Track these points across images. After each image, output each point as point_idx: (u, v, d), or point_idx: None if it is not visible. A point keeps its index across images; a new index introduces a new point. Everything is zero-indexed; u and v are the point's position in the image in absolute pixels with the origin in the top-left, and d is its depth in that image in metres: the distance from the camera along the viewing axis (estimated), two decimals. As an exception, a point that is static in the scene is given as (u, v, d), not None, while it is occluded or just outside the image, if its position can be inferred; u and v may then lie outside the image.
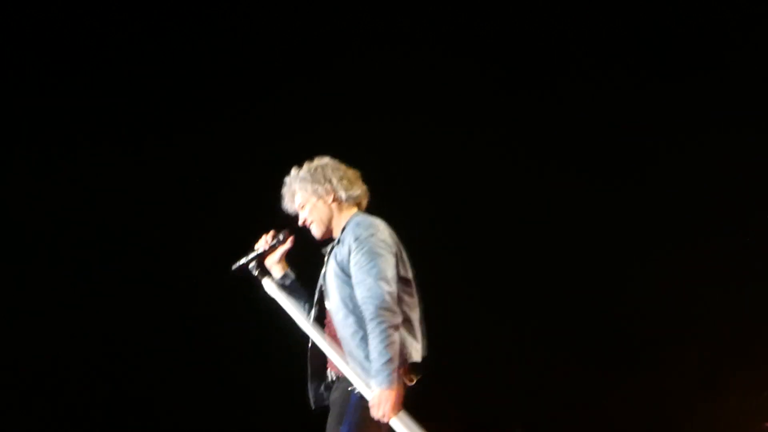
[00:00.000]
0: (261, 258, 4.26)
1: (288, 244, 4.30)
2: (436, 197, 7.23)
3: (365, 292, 3.92)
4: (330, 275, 4.11)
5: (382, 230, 4.07)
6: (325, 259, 4.23)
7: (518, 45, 7.37)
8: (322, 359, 4.17)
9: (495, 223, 7.33)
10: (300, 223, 4.26)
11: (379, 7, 7.19)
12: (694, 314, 7.18)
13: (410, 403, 3.88)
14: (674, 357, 7.14)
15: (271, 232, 4.28)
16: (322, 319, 4.21)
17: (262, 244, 4.27)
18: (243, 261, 4.25)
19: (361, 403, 3.93)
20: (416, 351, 3.98)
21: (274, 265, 4.31)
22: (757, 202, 7.14)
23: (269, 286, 4.22)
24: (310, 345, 4.19)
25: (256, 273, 4.23)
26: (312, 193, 4.20)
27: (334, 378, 4.15)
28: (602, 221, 7.28)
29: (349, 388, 3.99)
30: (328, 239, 4.24)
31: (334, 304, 4.08)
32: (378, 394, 3.84)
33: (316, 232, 4.23)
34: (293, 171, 4.26)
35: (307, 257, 4.34)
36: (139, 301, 7.11)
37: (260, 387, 7.10)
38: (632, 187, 7.39)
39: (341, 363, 3.98)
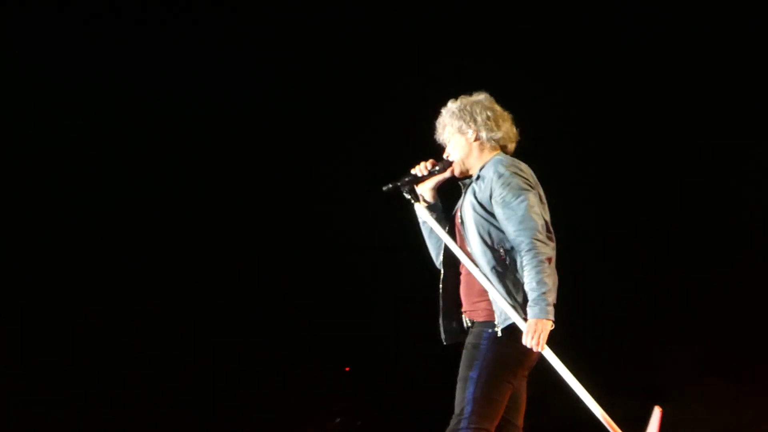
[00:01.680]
0: (416, 182, 4.25)
1: (447, 174, 4.25)
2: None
3: (517, 225, 3.91)
4: (468, 211, 4.08)
5: (524, 169, 4.06)
6: (462, 194, 4.22)
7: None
8: (455, 299, 4.17)
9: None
10: (444, 155, 4.26)
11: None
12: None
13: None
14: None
15: (431, 160, 4.25)
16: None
17: (421, 169, 4.25)
18: (398, 183, 4.24)
19: (492, 346, 3.92)
20: (551, 293, 3.91)
21: (427, 191, 4.28)
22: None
23: (421, 211, 4.23)
24: (441, 281, 4.21)
25: (408, 196, 4.23)
26: (457, 129, 4.20)
27: (469, 324, 4.12)
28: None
29: (483, 330, 3.98)
30: (465, 176, 4.23)
31: (472, 239, 4.05)
32: (534, 322, 3.81)
33: (455, 167, 4.22)
34: (449, 103, 4.26)
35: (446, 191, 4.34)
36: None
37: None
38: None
39: (489, 286, 3.95)
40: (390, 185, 4.23)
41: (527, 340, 3.81)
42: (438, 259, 4.27)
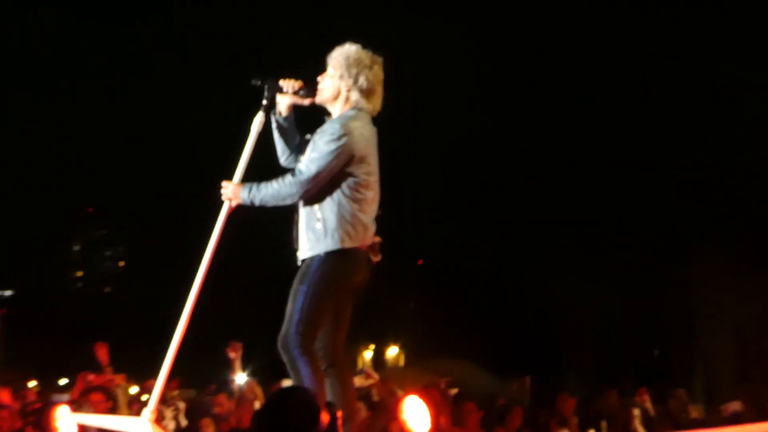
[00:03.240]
0: (277, 91, 4.72)
1: (304, 103, 4.76)
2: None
3: (304, 165, 4.54)
4: (308, 149, 4.65)
5: (353, 131, 4.54)
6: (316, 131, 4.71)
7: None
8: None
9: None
10: (319, 77, 4.70)
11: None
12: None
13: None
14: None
15: (300, 83, 4.71)
16: None
17: (288, 85, 4.71)
18: (265, 84, 4.71)
19: (320, 266, 4.57)
20: (349, 237, 4.53)
21: (285, 106, 4.77)
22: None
23: (258, 123, 4.73)
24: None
25: (265, 101, 4.72)
26: (339, 75, 4.62)
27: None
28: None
29: (317, 254, 4.59)
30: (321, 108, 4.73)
31: None
32: (238, 190, 4.56)
33: (318, 96, 4.70)
34: (354, 47, 4.66)
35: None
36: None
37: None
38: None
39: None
40: (260, 82, 4.70)
41: (223, 185, 4.53)
42: (282, 158, 4.81)
